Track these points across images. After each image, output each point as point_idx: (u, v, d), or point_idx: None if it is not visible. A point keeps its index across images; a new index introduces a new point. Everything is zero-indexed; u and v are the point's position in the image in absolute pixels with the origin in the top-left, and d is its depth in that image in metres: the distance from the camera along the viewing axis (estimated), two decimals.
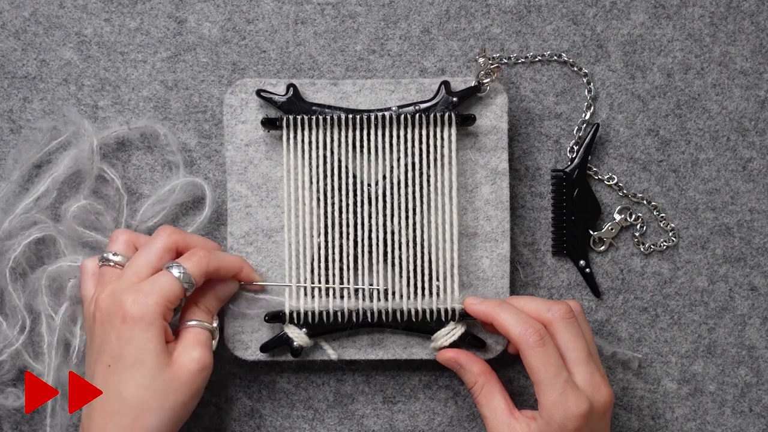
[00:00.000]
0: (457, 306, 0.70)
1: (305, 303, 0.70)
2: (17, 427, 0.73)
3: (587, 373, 0.64)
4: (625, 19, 0.74)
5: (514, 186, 0.74)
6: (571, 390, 0.62)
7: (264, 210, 0.72)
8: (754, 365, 0.75)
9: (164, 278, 0.63)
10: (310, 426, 0.74)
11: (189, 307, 0.67)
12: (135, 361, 0.61)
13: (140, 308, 0.62)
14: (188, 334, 0.65)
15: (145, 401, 0.61)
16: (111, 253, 0.66)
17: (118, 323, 0.62)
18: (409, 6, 0.74)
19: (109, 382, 0.62)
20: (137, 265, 0.64)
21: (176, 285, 0.63)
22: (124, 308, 0.62)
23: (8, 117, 0.74)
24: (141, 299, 0.62)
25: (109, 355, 0.62)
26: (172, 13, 0.74)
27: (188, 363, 0.63)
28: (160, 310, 0.62)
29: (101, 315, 0.63)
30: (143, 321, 0.62)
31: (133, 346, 0.61)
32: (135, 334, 0.61)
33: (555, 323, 0.65)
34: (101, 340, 0.63)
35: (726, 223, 0.74)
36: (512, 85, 0.74)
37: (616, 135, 0.74)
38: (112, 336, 0.62)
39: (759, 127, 0.75)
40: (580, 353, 0.64)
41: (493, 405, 0.66)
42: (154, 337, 0.62)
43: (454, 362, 0.69)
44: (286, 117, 0.70)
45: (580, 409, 0.62)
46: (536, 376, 0.63)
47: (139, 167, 0.74)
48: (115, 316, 0.62)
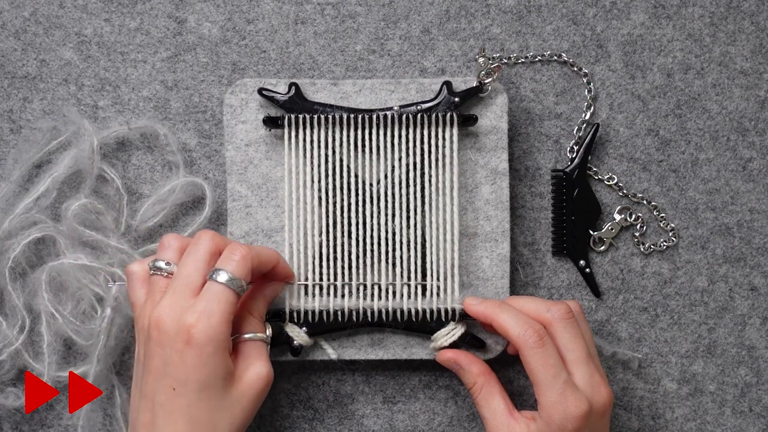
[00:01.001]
0: (457, 306, 0.70)
1: (305, 302, 0.70)
2: (17, 427, 0.73)
3: (587, 374, 0.64)
4: (625, 19, 0.74)
5: (514, 186, 0.74)
6: (570, 391, 0.62)
7: (264, 210, 0.72)
8: (754, 365, 0.75)
9: (217, 291, 0.61)
10: (310, 426, 0.74)
11: (242, 315, 0.65)
12: (204, 386, 0.60)
13: (206, 333, 0.60)
14: (248, 350, 0.64)
15: (215, 421, 0.60)
16: (163, 261, 0.64)
17: (182, 346, 0.59)
18: (409, 6, 0.74)
19: (176, 405, 0.60)
20: (188, 275, 0.62)
21: (231, 294, 0.61)
22: (189, 332, 0.59)
23: (8, 117, 0.74)
24: (205, 322, 0.60)
25: (173, 378, 0.60)
26: (172, 13, 0.74)
27: (254, 382, 0.62)
28: (225, 330, 0.61)
29: (159, 335, 0.60)
30: (211, 345, 0.60)
31: (202, 372, 0.60)
32: (203, 360, 0.60)
33: (554, 323, 0.65)
34: (162, 361, 0.60)
35: (726, 223, 0.74)
36: (512, 85, 0.74)
37: (616, 135, 0.74)
38: (175, 359, 0.60)
39: (759, 127, 0.75)
40: (579, 354, 0.64)
41: (493, 406, 0.66)
42: (223, 360, 0.60)
43: (453, 363, 0.69)
44: (288, 116, 0.70)
45: (579, 409, 0.62)
46: (536, 376, 0.63)
47: (139, 167, 0.74)
48: (178, 339, 0.60)
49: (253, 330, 0.65)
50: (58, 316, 0.69)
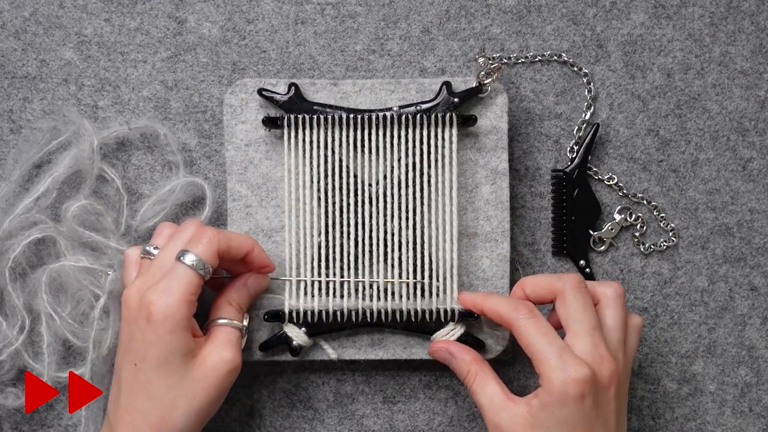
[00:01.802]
0: (456, 306, 0.70)
1: (305, 302, 0.70)
2: (17, 427, 0.73)
3: (590, 344, 0.62)
4: (625, 19, 0.74)
5: (514, 186, 0.74)
6: (569, 355, 0.61)
7: (264, 210, 0.72)
8: (754, 365, 0.75)
9: (180, 271, 0.62)
10: (310, 426, 0.74)
11: (219, 303, 0.67)
12: (161, 362, 0.61)
13: (164, 310, 0.61)
14: (218, 334, 0.65)
15: (172, 400, 0.61)
16: (152, 247, 0.66)
17: (143, 324, 0.61)
18: (409, 6, 0.74)
19: (136, 381, 0.61)
20: (163, 259, 0.64)
21: (193, 275, 0.62)
22: (148, 309, 0.61)
23: (8, 117, 0.74)
24: (163, 299, 0.61)
25: (134, 354, 0.62)
26: (172, 13, 0.74)
27: (217, 364, 0.63)
28: (184, 308, 0.62)
29: (128, 313, 0.63)
30: (168, 323, 0.61)
31: (159, 348, 0.61)
32: (160, 337, 0.61)
33: (566, 292, 0.64)
34: (128, 338, 0.62)
35: (726, 223, 0.74)
36: (512, 85, 0.74)
37: (616, 135, 0.74)
38: (138, 336, 0.61)
39: (759, 127, 0.75)
40: (586, 324, 0.63)
41: (488, 391, 0.65)
42: (180, 338, 0.61)
43: (444, 352, 0.68)
44: (287, 116, 0.70)
45: (579, 373, 0.60)
46: (532, 346, 0.62)
47: (139, 167, 0.74)
48: (140, 316, 0.61)
49: (227, 316, 0.66)
50: (56, 317, 0.69)
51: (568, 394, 0.60)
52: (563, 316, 0.64)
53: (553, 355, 0.61)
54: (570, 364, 0.61)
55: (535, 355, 0.62)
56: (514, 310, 0.64)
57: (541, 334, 0.62)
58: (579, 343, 0.62)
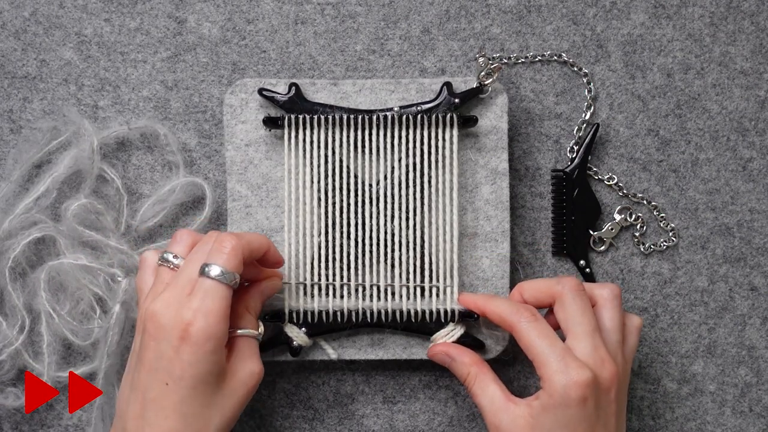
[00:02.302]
0: (456, 307, 0.70)
1: (305, 302, 0.70)
2: (17, 427, 0.73)
3: (590, 346, 0.62)
4: (625, 19, 0.74)
5: (514, 186, 0.74)
6: (571, 358, 0.61)
7: (264, 210, 0.72)
8: (754, 365, 0.75)
9: (211, 287, 0.60)
10: (310, 426, 0.74)
11: (238, 311, 0.65)
12: (198, 382, 0.59)
13: (205, 331, 0.59)
14: (241, 346, 0.63)
15: (207, 418, 0.60)
16: (171, 254, 0.63)
17: (177, 342, 0.59)
18: (409, 6, 0.74)
19: (168, 400, 0.59)
20: (191, 272, 0.61)
21: (224, 289, 0.60)
22: (185, 329, 0.59)
23: (8, 117, 0.74)
24: (202, 320, 0.59)
25: (166, 373, 0.59)
26: (172, 13, 0.74)
27: (246, 378, 0.62)
28: (223, 326, 0.60)
29: (155, 329, 0.60)
30: (210, 343, 0.59)
31: (197, 368, 0.59)
32: (199, 357, 0.59)
33: (565, 295, 0.64)
34: (155, 355, 0.60)
35: (726, 223, 0.74)
36: (512, 85, 0.74)
37: (616, 135, 0.74)
38: (170, 354, 0.59)
39: (759, 127, 0.75)
40: (586, 327, 0.63)
41: (489, 393, 0.65)
42: (219, 357, 0.60)
43: (444, 355, 0.68)
44: (288, 116, 0.70)
45: (581, 376, 0.60)
46: (534, 349, 0.62)
47: (139, 167, 0.74)
48: (173, 334, 0.59)
49: (246, 326, 0.64)
50: (55, 315, 0.69)
51: (570, 397, 0.60)
52: (562, 319, 0.64)
53: (554, 357, 0.61)
54: (572, 367, 0.61)
55: (536, 357, 0.62)
56: (516, 313, 0.64)
57: (543, 338, 0.62)
58: (580, 345, 0.62)
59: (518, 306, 0.64)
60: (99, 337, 0.70)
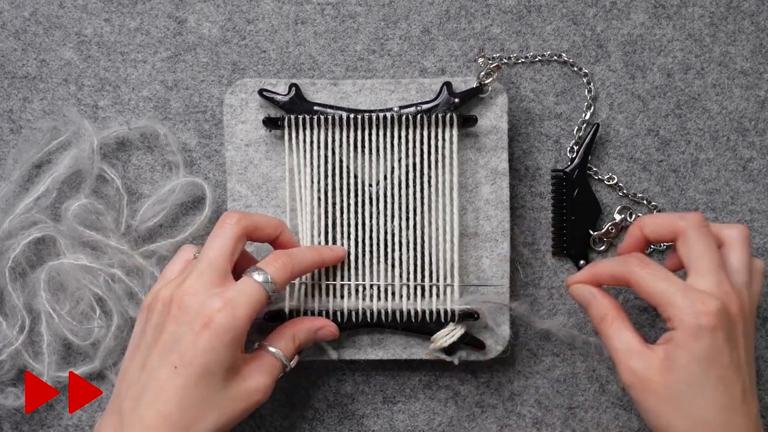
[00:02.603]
0: (456, 307, 0.70)
1: (305, 303, 0.70)
2: (17, 427, 0.73)
3: (715, 282, 0.60)
4: (625, 19, 0.74)
5: (514, 186, 0.74)
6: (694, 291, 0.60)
7: (264, 210, 0.72)
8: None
9: (250, 287, 0.61)
10: (310, 426, 0.74)
11: (284, 332, 0.66)
12: (205, 372, 0.59)
13: (229, 321, 0.59)
14: (265, 360, 0.64)
15: (203, 412, 0.60)
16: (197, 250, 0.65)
17: (199, 328, 0.59)
18: (409, 6, 0.74)
19: (171, 383, 0.59)
20: (214, 259, 0.62)
21: (262, 293, 0.62)
22: (210, 316, 0.59)
23: (8, 117, 0.74)
24: (229, 311, 0.60)
25: (178, 356, 0.59)
26: (172, 13, 0.74)
27: (253, 390, 0.62)
28: (246, 324, 0.61)
29: (179, 312, 0.60)
30: (229, 335, 0.60)
31: (209, 358, 0.59)
32: (215, 346, 0.59)
33: (688, 230, 0.62)
34: (173, 338, 0.60)
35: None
36: (512, 85, 0.74)
37: (616, 135, 0.74)
38: (188, 338, 0.59)
39: (759, 127, 0.75)
40: (710, 263, 0.61)
41: (625, 337, 0.62)
42: (233, 353, 0.60)
43: (585, 291, 0.66)
44: (288, 116, 0.70)
45: (709, 305, 0.59)
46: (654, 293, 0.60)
47: (139, 167, 0.74)
48: (197, 319, 0.60)
49: (282, 350, 0.65)
50: (55, 315, 0.69)
51: (701, 327, 0.59)
52: (685, 255, 0.62)
53: (678, 295, 0.60)
54: (698, 298, 0.59)
55: (660, 300, 0.60)
56: (624, 265, 0.62)
57: (660, 280, 0.61)
58: (703, 281, 0.61)
59: (624, 258, 0.63)
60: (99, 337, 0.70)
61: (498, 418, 0.74)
